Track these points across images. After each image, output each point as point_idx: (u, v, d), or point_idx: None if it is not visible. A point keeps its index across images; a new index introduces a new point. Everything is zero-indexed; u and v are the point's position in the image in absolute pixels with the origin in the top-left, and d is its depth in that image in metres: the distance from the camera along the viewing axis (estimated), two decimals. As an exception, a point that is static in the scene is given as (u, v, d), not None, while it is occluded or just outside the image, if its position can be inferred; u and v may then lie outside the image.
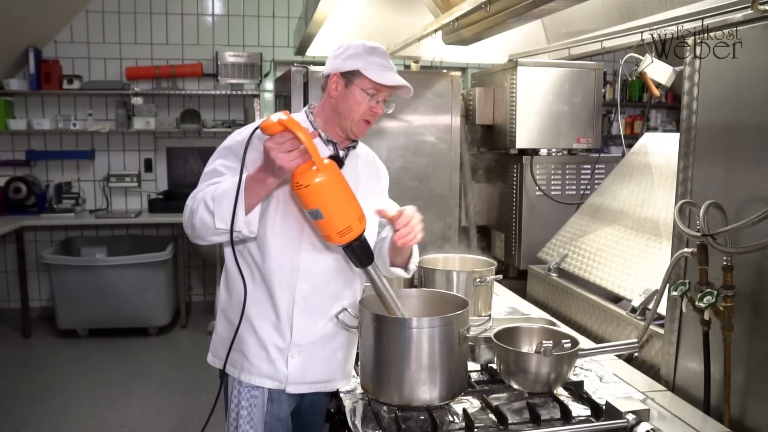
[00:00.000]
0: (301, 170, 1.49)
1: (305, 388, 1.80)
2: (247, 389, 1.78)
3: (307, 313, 1.78)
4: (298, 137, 1.46)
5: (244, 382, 1.78)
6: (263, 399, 1.78)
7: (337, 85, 1.76)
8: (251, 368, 1.78)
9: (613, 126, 6.31)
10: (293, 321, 1.77)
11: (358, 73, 1.72)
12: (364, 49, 1.75)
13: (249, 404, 1.79)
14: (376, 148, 3.04)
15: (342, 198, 1.53)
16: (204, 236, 1.66)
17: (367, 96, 1.74)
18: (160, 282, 5.19)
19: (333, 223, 1.52)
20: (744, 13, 1.56)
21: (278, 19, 5.88)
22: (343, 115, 1.76)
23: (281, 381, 1.78)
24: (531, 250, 2.97)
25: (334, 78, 1.76)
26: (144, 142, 5.84)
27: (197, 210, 1.64)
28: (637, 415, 1.48)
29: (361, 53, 1.74)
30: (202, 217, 1.62)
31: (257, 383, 1.78)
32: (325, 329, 1.80)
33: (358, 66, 1.72)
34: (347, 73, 1.74)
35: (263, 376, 1.78)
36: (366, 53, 1.74)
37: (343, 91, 1.75)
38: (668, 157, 2.28)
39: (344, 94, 1.75)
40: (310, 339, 1.78)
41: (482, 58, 3.63)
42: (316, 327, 1.79)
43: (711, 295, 1.55)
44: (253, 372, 1.78)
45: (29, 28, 5.19)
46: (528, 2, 1.69)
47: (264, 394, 1.78)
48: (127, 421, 3.82)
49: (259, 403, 1.78)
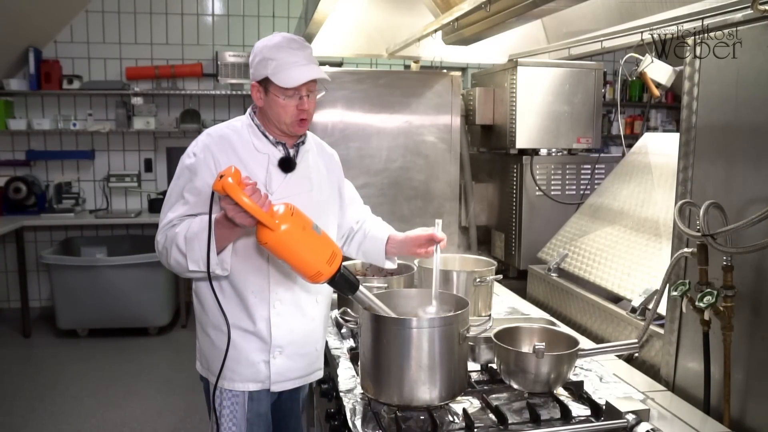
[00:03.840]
0: (260, 226, 1.50)
1: (288, 385, 1.84)
2: (228, 391, 1.81)
3: (285, 314, 1.80)
4: (241, 204, 1.46)
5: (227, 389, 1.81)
6: (244, 399, 1.81)
7: (259, 94, 1.75)
8: (233, 375, 1.80)
9: (613, 126, 6.31)
10: (271, 325, 1.79)
11: (269, 80, 1.70)
12: (269, 49, 1.71)
13: (231, 403, 1.82)
14: (376, 148, 3.07)
15: (303, 248, 1.53)
16: (180, 274, 1.72)
17: (287, 98, 1.71)
18: (160, 282, 5.19)
19: (301, 271, 1.56)
20: (744, 13, 1.56)
21: (278, 19, 5.88)
22: (275, 120, 1.76)
23: (263, 382, 1.81)
24: (531, 250, 2.97)
25: (254, 87, 1.75)
26: (144, 142, 5.84)
27: (170, 250, 1.68)
28: (637, 415, 1.48)
29: (267, 56, 1.70)
30: (176, 258, 1.67)
31: (240, 388, 1.81)
32: (303, 327, 1.84)
33: (266, 73, 1.70)
34: (262, 81, 1.72)
35: (246, 381, 1.81)
36: (272, 54, 1.70)
37: (265, 99, 1.75)
38: (668, 157, 2.28)
39: (267, 101, 1.75)
40: (289, 338, 1.81)
41: (482, 58, 3.63)
42: (295, 326, 1.82)
43: (711, 295, 1.55)
44: (235, 379, 1.80)
45: (29, 28, 5.19)
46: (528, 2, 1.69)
47: (245, 394, 1.81)
48: (127, 421, 3.82)
49: (240, 401, 1.81)
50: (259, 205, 1.47)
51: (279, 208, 1.53)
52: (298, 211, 1.55)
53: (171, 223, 1.72)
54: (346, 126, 2.97)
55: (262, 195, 1.51)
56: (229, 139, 1.78)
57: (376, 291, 1.78)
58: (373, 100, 2.97)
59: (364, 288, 1.63)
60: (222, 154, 1.74)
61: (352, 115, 2.99)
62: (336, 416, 1.67)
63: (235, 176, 1.47)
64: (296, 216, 1.53)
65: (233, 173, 1.47)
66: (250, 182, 1.50)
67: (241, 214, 1.49)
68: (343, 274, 1.59)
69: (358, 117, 2.99)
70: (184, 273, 1.70)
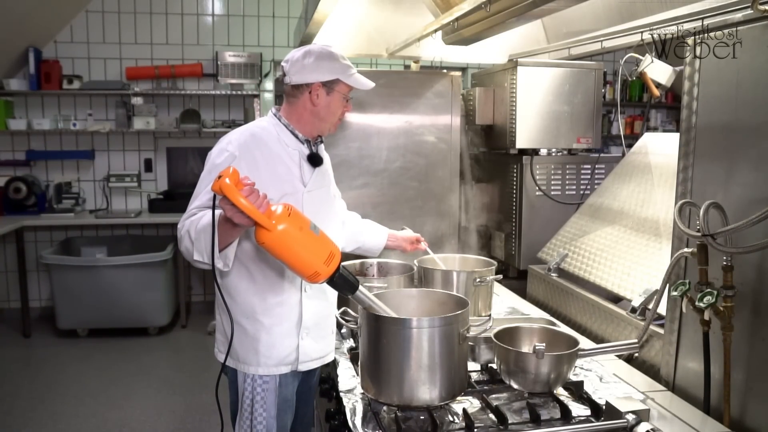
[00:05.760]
0: (258, 226, 1.52)
1: (313, 364, 1.94)
2: (260, 377, 1.88)
3: (313, 297, 1.91)
4: (238, 205, 1.48)
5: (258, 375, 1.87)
6: (275, 384, 1.89)
7: (318, 93, 1.86)
8: (267, 361, 1.87)
9: (613, 126, 6.31)
10: (303, 307, 1.89)
11: (338, 81, 1.86)
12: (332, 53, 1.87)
13: (262, 390, 1.89)
14: (376, 148, 3.07)
15: (301, 248, 1.54)
16: (190, 261, 1.79)
17: (346, 100, 1.91)
18: (160, 282, 5.19)
19: (299, 271, 1.57)
20: (744, 13, 1.56)
21: (278, 19, 5.88)
22: (325, 119, 1.90)
23: (293, 364, 1.90)
24: (531, 250, 2.97)
25: (317, 87, 1.85)
26: (144, 142, 5.84)
27: (184, 237, 1.76)
28: (637, 415, 1.47)
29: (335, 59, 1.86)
30: (186, 246, 1.76)
31: (274, 372, 1.88)
32: (325, 309, 1.95)
33: (337, 75, 1.86)
34: (329, 81, 1.86)
35: (279, 365, 1.88)
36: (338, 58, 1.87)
37: (325, 99, 1.87)
38: (668, 157, 2.28)
39: (327, 101, 1.88)
40: (315, 320, 1.92)
41: (482, 58, 3.63)
42: (319, 308, 1.93)
43: (711, 295, 1.55)
44: (269, 364, 1.88)
45: (29, 28, 5.19)
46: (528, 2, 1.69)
47: (276, 379, 1.89)
48: (127, 421, 3.82)
49: (272, 387, 1.89)
50: (256, 205, 1.49)
51: (277, 209, 1.53)
52: (295, 211, 1.56)
53: (191, 212, 1.79)
54: (346, 126, 2.97)
55: (260, 195, 1.53)
56: (260, 137, 1.87)
57: (376, 291, 1.78)
58: (373, 100, 2.97)
59: (364, 288, 1.64)
60: (257, 150, 1.84)
61: (352, 115, 2.98)
62: (336, 416, 1.67)
63: (232, 177, 1.48)
64: (293, 216, 1.54)
65: (231, 174, 1.48)
66: (248, 183, 1.52)
67: (238, 215, 1.52)
68: (342, 275, 1.60)
69: (358, 117, 2.99)
70: (191, 260, 1.78)
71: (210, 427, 3.74)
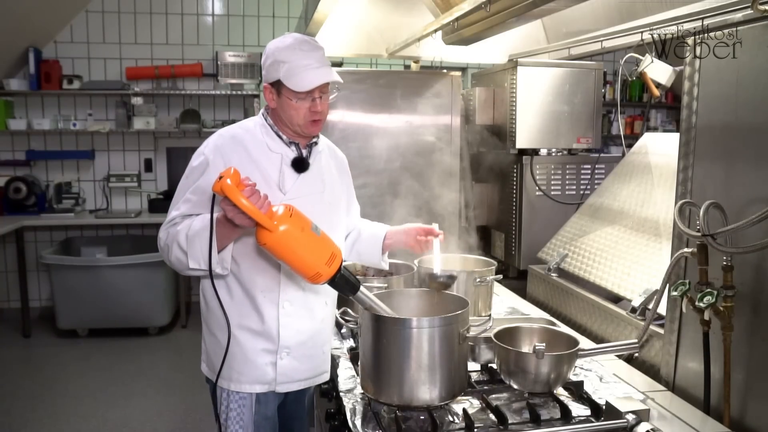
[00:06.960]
0: (259, 227, 1.51)
1: (293, 386, 1.83)
2: (236, 393, 1.80)
3: (293, 315, 1.79)
4: (239, 205, 1.47)
5: (233, 391, 1.80)
6: (251, 401, 1.80)
7: (272, 96, 1.75)
8: (240, 377, 1.79)
9: (613, 126, 6.31)
10: (280, 326, 1.78)
11: (281, 83, 1.69)
12: (281, 51, 1.69)
13: (238, 405, 1.80)
14: (376, 148, 3.07)
15: (302, 249, 1.53)
16: (181, 271, 1.72)
17: (300, 101, 1.70)
18: (160, 282, 5.18)
19: (301, 272, 1.56)
20: (744, 13, 1.56)
21: (278, 19, 5.88)
22: (291, 120, 1.74)
23: (270, 383, 1.80)
24: (531, 250, 2.97)
25: (267, 89, 1.75)
26: (144, 142, 5.84)
27: (171, 248, 1.69)
28: (637, 415, 1.47)
29: (279, 59, 1.68)
30: (177, 256, 1.68)
31: (247, 390, 1.80)
32: (311, 328, 1.83)
33: (278, 76, 1.68)
34: (274, 83, 1.71)
35: (253, 383, 1.80)
36: (284, 56, 1.68)
37: (278, 101, 1.74)
38: (668, 157, 2.28)
39: (279, 103, 1.74)
40: (297, 339, 1.81)
41: (482, 58, 3.63)
42: (303, 328, 1.81)
43: (711, 295, 1.55)
44: (242, 380, 1.79)
45: (29, 28, 5.19)
46: (528, 2, 1.69)
47: (252, 396, 1.80)
48: (127, 421, 3.82)
49: (248, 403, 1.80)
50: (257, 206, 1.48)
51: (278, 209, 1.53)
52: (297, 212, 1.54)
53: (173, 221, 1.74)
54: (346, 126, 2.97)
55: (261, 196, 1.51)
56: (241, 139, 1.78)
57: (376, 291, 1.78)
58: (373, 100, 2.97)
59: (365, 288, 1.63)
60: (234, 153, 1.74)
61: (352, 115, 2.99)
62: (336, 416, 1.67)
63: (233, 177, 1.48)
64: (295, 217, 1.53)
65: (232, 174, 1.48)
66: (250, 183, 1.50)
67: (239, 215, 1.50)
68: (344, 275, 1.59)
69: (358, 117, 2.99)
70: (184, 270, 1.71)
71: (210, 427, 3.72)
